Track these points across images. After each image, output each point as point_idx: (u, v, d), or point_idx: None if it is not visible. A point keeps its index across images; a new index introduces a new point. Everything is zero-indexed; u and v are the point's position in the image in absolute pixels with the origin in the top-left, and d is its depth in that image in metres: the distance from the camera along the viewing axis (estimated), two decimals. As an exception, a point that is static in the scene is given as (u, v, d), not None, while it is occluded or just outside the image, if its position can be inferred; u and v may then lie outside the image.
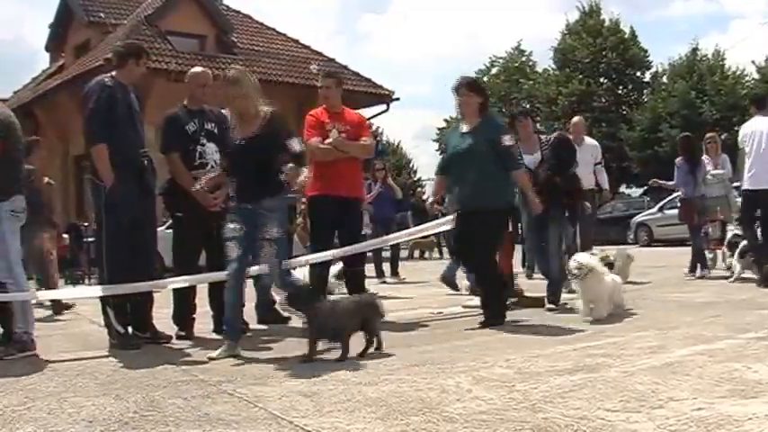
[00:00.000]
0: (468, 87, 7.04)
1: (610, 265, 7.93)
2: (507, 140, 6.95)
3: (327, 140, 7.22)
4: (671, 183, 11.96)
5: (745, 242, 9.66)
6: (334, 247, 7.42)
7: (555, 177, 7.89)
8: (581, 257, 6.91)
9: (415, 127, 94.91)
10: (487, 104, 7.21)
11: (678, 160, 11.52)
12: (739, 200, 10.48)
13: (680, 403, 3.53)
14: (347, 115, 7.56)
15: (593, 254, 7.88)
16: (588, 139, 10.54)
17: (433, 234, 17.66)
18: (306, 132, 7.33)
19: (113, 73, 6.38)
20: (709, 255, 11.09)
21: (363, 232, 9.65)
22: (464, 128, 7.06)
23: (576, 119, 11.00)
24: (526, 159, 7.82)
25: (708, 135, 12.50)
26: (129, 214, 6.16)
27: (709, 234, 11.42)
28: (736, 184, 10.84)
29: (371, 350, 5.35)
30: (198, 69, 7.09)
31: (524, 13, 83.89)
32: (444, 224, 7.74)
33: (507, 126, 7.96)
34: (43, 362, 5.60)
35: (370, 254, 10.55)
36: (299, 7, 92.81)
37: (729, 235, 10.72)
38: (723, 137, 13.12)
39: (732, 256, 10.14)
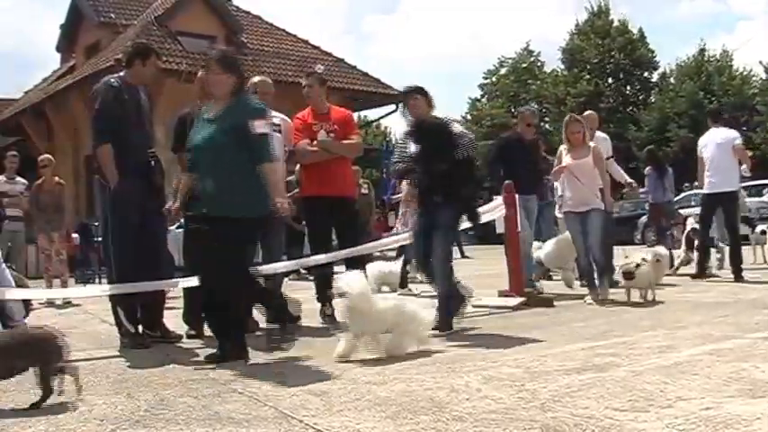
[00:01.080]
0: (219, 63, 5.61)
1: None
2: (259, 127, 5.43)
3: (316, 141, 7.23)
4: (642, 189, 13.45)
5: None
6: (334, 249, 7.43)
7: (429, 169, 6.45)
8: (345, 279, 5.30)
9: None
10: (244, 86, 5.86)
11: (647, 170, 13.76)
12: (748, 200, 11.45)
13: (688, 403, 3.54)
14: (334, 114, 7.55)
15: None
16: (599, 134, 10.30)
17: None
18: (294, 136, 7.34)
19: (122, 73, 6.42)
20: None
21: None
22: (209, 113, 5.62)
23: (587, 113, 10.67)
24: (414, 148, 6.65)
25: None
26: (133, 214, 6.20)
27: (674, 235, 13.25)
28: (744, 184, 11.39)
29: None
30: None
31: (533, 13, 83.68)
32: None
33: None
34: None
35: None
36: (307, 8, 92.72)
37: (687, 228, 11.74)
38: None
39: (690, 250, 11.29)
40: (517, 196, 8.29)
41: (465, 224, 6.92)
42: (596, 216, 8.09)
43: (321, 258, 7.28)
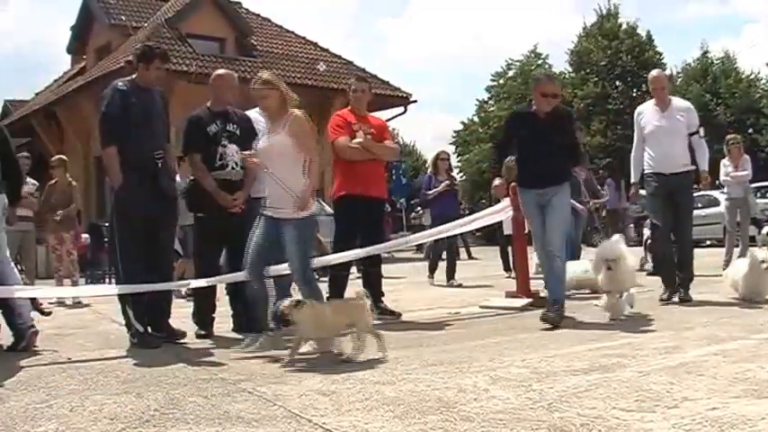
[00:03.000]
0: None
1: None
2: None
3: (355, 140, 7.33)
4: (605, 199, 14.16)
5: None
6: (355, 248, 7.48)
7: None
8: None
9: (432, 129, 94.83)
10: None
11: (608, 180, 15.09)
12: (760, 201, 10.90)
13: (694, 403, 3.55)
14: (371, 119, 7.70)
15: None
16: (677, 101, 8.29)
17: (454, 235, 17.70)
18: (333, 131, 7.46)
19: (134, 76, 6.48)
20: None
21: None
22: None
23: (654, 72, 8.64)
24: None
25: (729, 136, 12.54)
26: (138, 215, 6.24)
27: (628, 236, 14.03)
28: (753, 185, 11.03)
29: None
30: (223, 71, 7.22)
31: (541, 15, 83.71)
32: (463, 225, 7.78)
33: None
34: (65, 360, 5.69)
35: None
36: (316, 10, 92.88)
37: (646, 236, 12.04)
38: (738, 139, 13.16)
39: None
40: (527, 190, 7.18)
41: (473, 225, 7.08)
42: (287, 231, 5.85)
43: (336, 258, 7.32)
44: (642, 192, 8.74)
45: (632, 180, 8.55)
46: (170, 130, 6.63)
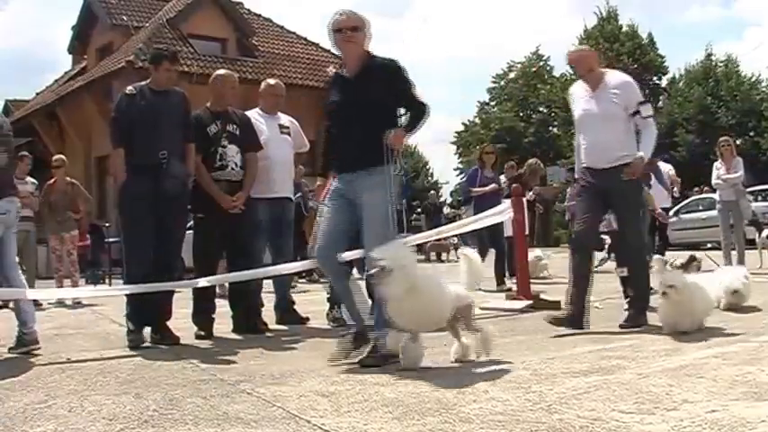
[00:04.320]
0: None
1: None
2: None
3: None
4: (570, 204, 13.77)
5: None
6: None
7: None
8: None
9: (432, 130, 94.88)
10: None
11: (569, 189, 13.45)
12: (761, 204, 10.77)
13: (694, 405, 3.55)
14: None
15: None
16: (611, 76, 6.66)
17: (450, 237, 17.70)
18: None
19: (149, 80, 6.60)
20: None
21: None
22: None
23: (572, 49, 7.14)
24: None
25: (721, 138, 12.53)
26: (139, 214, 6.28)
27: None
28: (750, 189, 11.02)
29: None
30: (223, 71, 7.25)
31: (542, 17, 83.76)
32: (463, 227, 7.77)
33: None
34: (64, 360, 5.69)
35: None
36: (316, 11, 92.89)
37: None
38: (739, 142, 13.19)
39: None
40: None
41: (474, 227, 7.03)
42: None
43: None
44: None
45: (575, 175, 7.18)
46: (191, 130, 6.61)
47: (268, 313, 7.35)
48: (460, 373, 4.60)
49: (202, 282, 6.71)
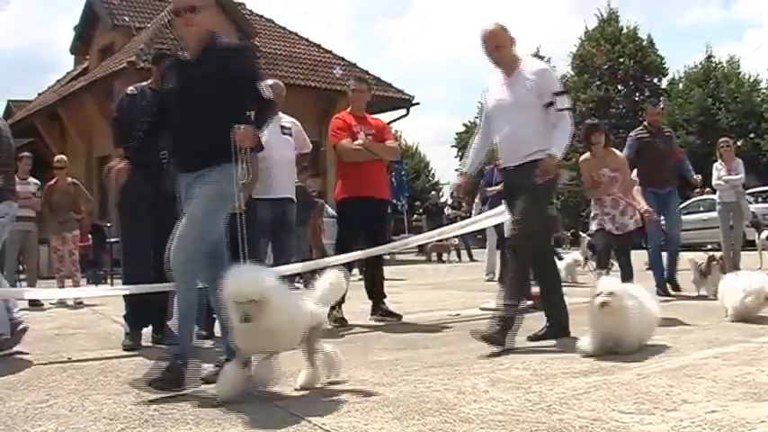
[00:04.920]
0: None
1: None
2: None
3: (357, 142, 7.36)
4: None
5: None
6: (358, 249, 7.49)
7: None
8: None
9: (433, 131, 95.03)
10: None
11: None
12: (761, 205, 11.05)
13: (694, 406, 3.56)
14: (370, 120, 7.71)
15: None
16: (528, 62, 6.04)
17: (452, 237, 17.72)
18: (334, 134, 7.48)
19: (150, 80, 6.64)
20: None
21: None
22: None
23: (483, 27, 5.95)
24: None
25: (721, 140, 12.54)
26: (139, 215, 6.31)
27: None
28: (750, 190, 11.15)
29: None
30: None
31: (542, 17, 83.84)
32: (463, 228, 7.78)
33: None
34: (65, 360, 5.71)
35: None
36: (318, 12, 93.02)
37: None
38: (739, 143, 13.21)
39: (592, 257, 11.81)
40: None
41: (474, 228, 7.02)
42: None
43: (338, 259, 7.33)
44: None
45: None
46: None
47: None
48: (461, 374, 4.60)
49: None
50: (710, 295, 8.20)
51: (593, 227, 8.02)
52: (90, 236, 15.86)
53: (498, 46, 5.74)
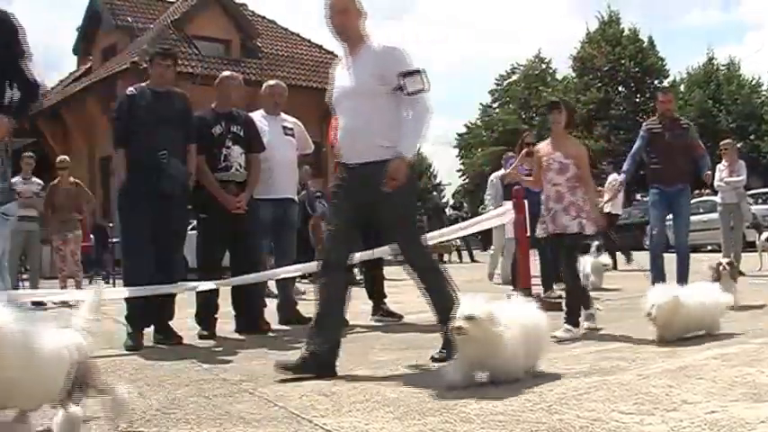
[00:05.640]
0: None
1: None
2: None
3: None
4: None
5: None
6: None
7: None
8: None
9: (433, 132, 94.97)
10: None
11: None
12: (761, 207, 10.78)
13: (693, 406, 3.56)
14: None
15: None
16: (380, 44, 4.99)
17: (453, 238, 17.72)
18: (334, 134, 7.47)
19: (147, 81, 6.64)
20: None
21: None
22: None
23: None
24: None
25: (723, 142, 12.59)
26: (136, 215, 6.33)
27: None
28: (750, 192, 11.00)
29: None
30: (229, 73, 7.31)
31: (542, 18, 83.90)
32: (465, 229, 7.78)
33: None
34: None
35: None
36: (319, 13, 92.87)
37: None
38: (739, 145, 13.22)
39: None
40: None
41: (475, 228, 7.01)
42: None
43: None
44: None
45: None
46: (192, 131, 6.64)
47: (271, 314, 7.37)
48: (461, 374, 4.61)
49: (203, 285, 6.74)
50: None
51: (539, 232, 6.65)
52: (92, 236, 15.89)
53: (344, 10, 4.89)
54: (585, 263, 10.32)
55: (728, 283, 7.17)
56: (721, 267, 7.35)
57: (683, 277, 8.05)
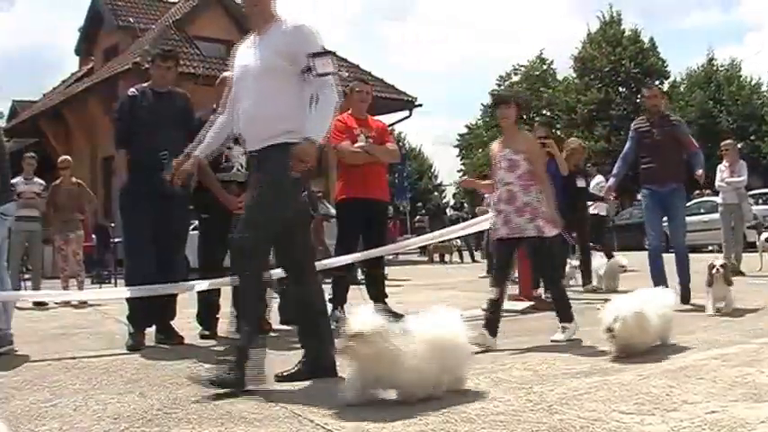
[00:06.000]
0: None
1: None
2: None
3: (357, 144, 7.38)
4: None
5: None
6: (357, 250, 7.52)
7: None
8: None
9: (433, 133, 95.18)
10: None
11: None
12: (761, 207, 10.67)
13: (693, 406, 3.58)
14: (371, 122, 7.72)
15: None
16: (290, 21, 4.81)
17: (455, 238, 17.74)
18: (334, 136, 7.48)
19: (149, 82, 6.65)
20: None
21: None
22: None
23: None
24: None
25: (724, 142, 12.59)
26: (137, 215, 6.35)
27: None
28: (750, 192, 10.92)
29: None
30: (229, 74, 7.30)
31: (542, 18, 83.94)
32: (465, 229, 7.79)
33: None
34: (69, 359, 5.73)
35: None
36: (321, 13, 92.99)
37: None
38: (739, 145, 13.23)
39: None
40: None
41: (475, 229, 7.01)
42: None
43: (341, 260, 7.35)
44: None
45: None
46: (193, 131, 6.65)
47: (272, 313, 7.37)
48: (462, 374, 4.62)
49: (203, 285, 6.75)
50: (710, 310, 7.03)
51: (493, 236, 6.24)
52: (94, 236, 15.90)
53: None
54: (600, 265, 10.33)
55: (721, 288, 7.01)
56: (714, 270, 7.02)
57: (683, 278, 7.89)
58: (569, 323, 5.94)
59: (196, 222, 7.13)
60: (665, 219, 8.25)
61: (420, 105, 28.12)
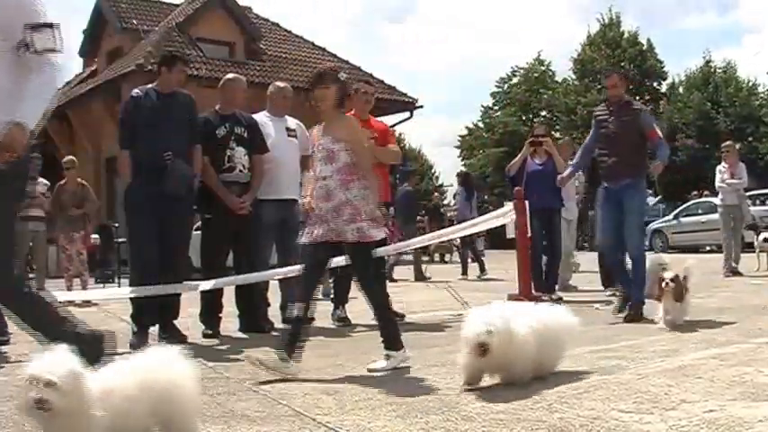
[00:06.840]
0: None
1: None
2: None
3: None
4: (454, 207, 14.94)
5: None
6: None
7: None
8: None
9: (434, 134, 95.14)
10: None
11: (458, 189, 15.80)
12: (760, 208, 10.71)
13: (692, 405, 3.60)
14: (373, 123, 7.73)
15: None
16: None
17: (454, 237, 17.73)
18: None
19: (156, 83, 6.65)
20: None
21: None
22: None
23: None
24: None
25: (724, 144, 12.61)
26: (141, 216, 6.36)
27: (476, 247, 16.34)
28: (748, 193, 10.90)
29: None
30: (233, 75, 7.36)
31: (544, 22, 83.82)
32: (464, 229, 7.80)
33: None
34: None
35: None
36: (321, 15, 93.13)
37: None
38: (737, 147, 13.22)
39: None
40: None
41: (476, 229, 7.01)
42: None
43: (338, 260, 7.38)
44: None
45: None
46: (197, 132, 6.68)
47: (274, 313, 7.40)
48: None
49: (205, 285, 6.78)
50: (660, 323, 6.44)
51: (303, 239, 5.12)
52: (97, 236, 15.91)
53: None
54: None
55: (670, 303, 6.38)
56: (664, 284, 6.33)
57: (638, 285, 7.03)
58: (396, 351, 4.97)
59: (199, 223, 7.16)
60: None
61: (421, 107, 28.17)
